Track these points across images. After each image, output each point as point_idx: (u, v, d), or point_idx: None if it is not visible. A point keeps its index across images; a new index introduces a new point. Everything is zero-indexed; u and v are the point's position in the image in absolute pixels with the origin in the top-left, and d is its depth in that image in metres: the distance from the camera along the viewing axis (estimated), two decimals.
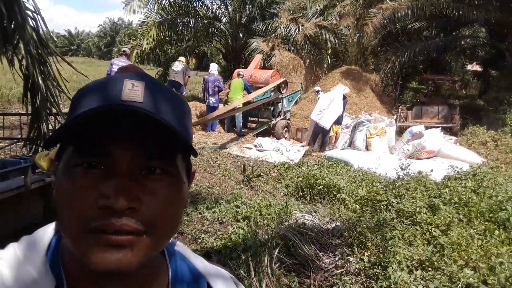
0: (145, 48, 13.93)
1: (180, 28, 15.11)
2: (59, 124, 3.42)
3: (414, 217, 4.09)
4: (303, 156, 7.64)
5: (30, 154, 3.27)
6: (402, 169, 5.24)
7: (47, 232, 0.54)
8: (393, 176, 5.61)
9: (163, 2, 14.51)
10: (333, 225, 4.29)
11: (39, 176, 2.75)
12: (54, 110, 3.43)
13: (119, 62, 8.88)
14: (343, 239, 3.85)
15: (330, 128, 8.68)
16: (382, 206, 4.50)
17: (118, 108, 0.45)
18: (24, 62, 3.08)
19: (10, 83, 10.79)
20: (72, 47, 72.84)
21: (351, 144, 9.17)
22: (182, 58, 10.79)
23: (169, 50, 16.43)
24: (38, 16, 3.37)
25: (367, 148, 8.84)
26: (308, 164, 6.90)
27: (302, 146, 8.57)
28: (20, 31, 3.00)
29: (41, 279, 0.48)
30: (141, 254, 0.46)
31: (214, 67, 9.96)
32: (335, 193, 4.93)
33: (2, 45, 3.03)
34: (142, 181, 0.47)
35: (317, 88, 9.72)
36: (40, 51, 3.11)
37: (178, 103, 0.53)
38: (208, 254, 3.56)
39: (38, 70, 2.98)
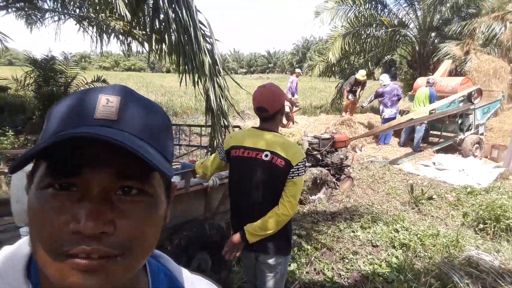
0: (330, 60, 14.27)
1: (364, 38, 14.86)
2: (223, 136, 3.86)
3: None
4: (495, 180, 6.28)
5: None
6: None
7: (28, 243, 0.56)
8: None
9: (349, 14, 14.57)
10: None
11: (199, 180, 3.14)
12: (225, 123, 3.91)
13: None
14: None
15: None
16: None
17: (87, 136, 0.43)
18: (203, 81, 3.61)
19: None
20: (269, 65, 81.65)
21: None
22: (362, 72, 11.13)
23: (354, 61, 16.33)
24: (213, 41, 3.91)
25: None
26: (500, 190, 5.63)
27: (498, 167, 7.05)
28: (199, 55, 3.50)
29: None
30: (115, 277, 0.45)
31: (386, 78, 9.18)
32: None
33: (190, 69, 3.62)
34: (116, 203, 0.46)
35: None
36: (213, 72, 3.57)
37: (156, 118, 0.52)
38: (352, 278, 3.34)
39: (212, 89, 3.45)
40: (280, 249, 1.97)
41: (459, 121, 8.41)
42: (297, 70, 12.63)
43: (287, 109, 10.50)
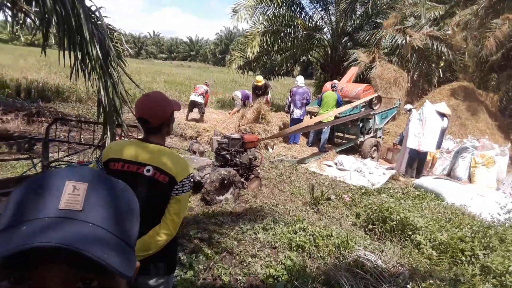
0: (249, 56, 14.43)
1: (282, 37, 15.29)
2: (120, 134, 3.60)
3: (504, 278, 3.32)
4: (387, 181, 6.92)
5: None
6: (499, 214, 4.32)
7: None
8: (490, 219, 4.70)
9: (268, 13, 14.85)
10: (400, 270, 3.73)
11: None
12: (119, 121, 3.60)
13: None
14: None
15: (427, 152, 7.66)
16: (464, 258, 3.76)
17: (49, 246, 0.42)
18: (88, 68, 3.26)
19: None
20: (191, 53, 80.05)
21: (450, 172, 8.02)
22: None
23: (273, 58, 16.71)
24: (101, 19, 3.51)
25: (470, 179, 7.63)
26: (391, 191, 6.23)
27: (390, 168, 7.78)
28: (87, 48, 3.14)
29: None
30: None
31: (301, 80, 9.72)
32: (410, 232, 4.29)
33: (79, 63, 3.25)
34: None
35: (408, 106, 8.71)
36: (104, 65, 3.25)
37: (121, 202, 0.54)
38: (248, 282, 3.38)
39: (103, 84, 3.14)
40: (161, 269, 1.87)
41: (360, 125, 9.12)
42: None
43: (200, 100, 10.33)
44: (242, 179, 5.59)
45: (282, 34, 15.20)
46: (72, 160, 4.89)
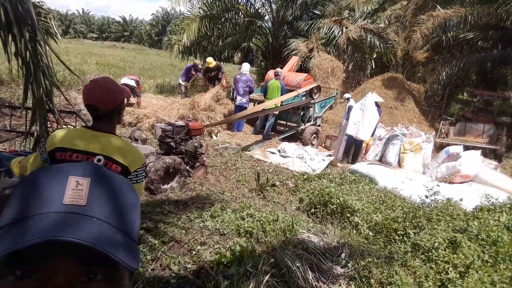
0: (184, 42, 14.04)
1: (222, 22, 15.08)
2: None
3: (431, 253, 3.71)
4: (326, 167, 7.28)
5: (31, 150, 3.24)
6: (426, 196, 4.79)
7: None
8: (419, 201, 5.18)
9: None
10: (340, 251, 3.99)
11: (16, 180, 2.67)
12: (50, 107, 3.31)
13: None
14: (347, 269, 3.56)
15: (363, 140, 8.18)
16: (397, 237, 4.13)
17: (53, 240, 0.43)
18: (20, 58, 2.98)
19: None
20: (125, 33, 75.72)
21: (382, 158, 8.65)
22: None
23: (214, 43, 16.39)
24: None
25: (400, 164, 8.30)
26: (330, 176, 6.57)
27: (329, 155, 8.19)
28: (11, 27, 2.85)
29: None
30: None
31: (246, 67, 9.76)
32: (349, 215, 4.59)
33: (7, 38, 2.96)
34: None
35: (347, 95, 9.21)
36: (35, 46, 2.98)
37: (125, 197, 0.54)
38: (198, 270, 3.40)
39: (32, 67, 2.88)
40: None
41: (302, 113, 9.44)
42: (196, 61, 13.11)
43: (133, 83, 9.88)
44: (187, 167, 5.53)
45: (223, 19, 15.00)
46: None
